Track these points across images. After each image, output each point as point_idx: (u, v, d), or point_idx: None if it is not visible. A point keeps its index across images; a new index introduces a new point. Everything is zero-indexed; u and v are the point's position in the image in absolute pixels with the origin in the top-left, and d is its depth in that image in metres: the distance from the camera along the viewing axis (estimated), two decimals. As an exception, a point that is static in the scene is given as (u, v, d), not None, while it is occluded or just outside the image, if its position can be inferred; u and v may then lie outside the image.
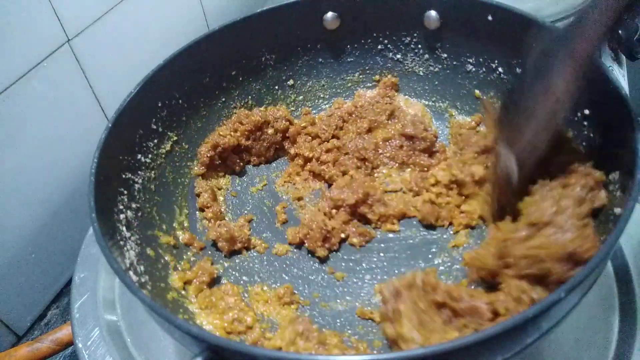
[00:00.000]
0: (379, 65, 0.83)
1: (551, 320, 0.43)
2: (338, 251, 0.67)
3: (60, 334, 0.66)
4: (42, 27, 0.71)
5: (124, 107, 0.63)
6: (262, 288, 0.64)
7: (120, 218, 0.59)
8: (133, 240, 0.59)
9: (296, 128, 0.78)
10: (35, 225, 0.76)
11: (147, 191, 0.67)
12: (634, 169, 0.47)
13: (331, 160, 0.75)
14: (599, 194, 0.53)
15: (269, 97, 0.83)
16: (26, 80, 0.69)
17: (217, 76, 0.77)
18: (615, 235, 0.43)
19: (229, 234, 0.67)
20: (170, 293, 0.59)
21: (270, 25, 0.78)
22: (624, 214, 0.44)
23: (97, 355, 0.61)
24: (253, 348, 0.41)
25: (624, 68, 1.05)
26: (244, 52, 0.78)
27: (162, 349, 0.62)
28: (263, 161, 0.80)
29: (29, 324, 0.79)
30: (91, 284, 0.68)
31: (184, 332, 0.41)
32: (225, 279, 0.66)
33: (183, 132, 0.74)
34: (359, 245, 0.67)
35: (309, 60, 0.83)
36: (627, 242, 0.63)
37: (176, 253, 0.66)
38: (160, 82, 0.69)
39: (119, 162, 0.63)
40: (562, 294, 0.39)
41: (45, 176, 0.76)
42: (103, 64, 0.82)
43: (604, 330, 0.57)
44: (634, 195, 0.45)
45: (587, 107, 0.59)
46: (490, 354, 0.41)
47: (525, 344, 0.42)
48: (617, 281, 0.61)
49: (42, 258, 0.78)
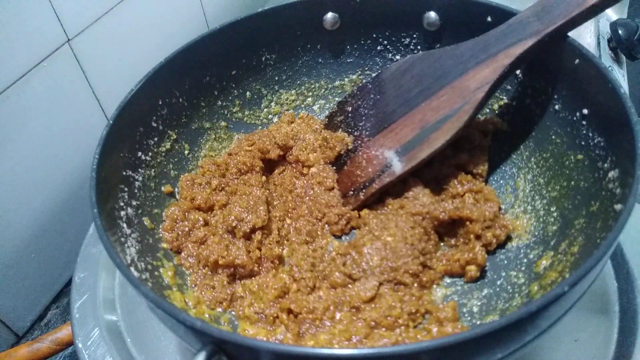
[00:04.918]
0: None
1: (550, 318, 0.43)
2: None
3: (60, 334, 0.66)
4: (42, 27, 0.71)
5: (125, 104, 0.63)
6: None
7: (121, 215, 0.59)
8: (134, 238, 0.59)
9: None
10: (35, 225, 0.76)
11: (147, 189, 0.67)
12: (634, 166, 0.47)
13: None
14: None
15: (269, 97, 0.84)
16: (26, 80, 0.70)
17: (218, 75, 0.77)
18: (615, 232, 0.43)
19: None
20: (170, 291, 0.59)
21: (270, 25, 0.78)
22: (625, 210, 0.44)
23: (97, 355, 0.61)
24: (256, 341, 0.41)
25: (623, 68, 1.06)
26: (244, 51, 0.79)
27: (162, 349, 0.62)
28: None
29: (29, 324, 0.79)
30: (91, 284, 0.68)
31: (187, 326, 0.41)
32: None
33: (183, 131, 0.75)
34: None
35: (309, 60, 0.84)
36: (627, 242, 0.63)
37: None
38: (161, 80, 0.69)
39: (120, 159, 0.63)
40: (565, 287, 0.39)
41: (45, 176, 0.76)
42: (103, 64, 0.82)
43: (604, 330, 0.57)
44: (634, 191, 0.45)
45: (586, 106, 0.59)
46: (489, 351, 0.41)
47: (524, 342, 0.42)
48: (617, 280, 0.61)
49: (42, 258, 0.78)
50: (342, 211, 0.70)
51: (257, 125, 0.84)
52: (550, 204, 0.62)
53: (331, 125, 0.79)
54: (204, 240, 0.65)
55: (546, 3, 0.59)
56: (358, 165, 0.72)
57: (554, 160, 0.64)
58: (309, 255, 0.65)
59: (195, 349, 0.42)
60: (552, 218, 0.61)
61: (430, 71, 0.67)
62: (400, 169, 0.68)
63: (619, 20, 1.03)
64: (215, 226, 0.67)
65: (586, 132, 0.59)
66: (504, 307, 0.57)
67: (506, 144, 0.72)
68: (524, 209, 0.66)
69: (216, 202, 0.69)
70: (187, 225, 0.66)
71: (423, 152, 0.66)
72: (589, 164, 0.57)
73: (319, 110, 0.86)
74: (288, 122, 0.82)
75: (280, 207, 0.72)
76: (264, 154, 0.75)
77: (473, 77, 0.63)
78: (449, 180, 0.70)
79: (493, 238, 0.62)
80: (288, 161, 0.77)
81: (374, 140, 0.72)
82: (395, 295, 0.59)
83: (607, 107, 0.55)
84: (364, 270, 0.62)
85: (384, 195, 0.70)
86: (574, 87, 0.61)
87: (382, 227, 0.64)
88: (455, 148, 0.71)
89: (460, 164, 0.71)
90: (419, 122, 0.67)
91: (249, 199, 0.68)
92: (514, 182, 0.69)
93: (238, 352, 0.40)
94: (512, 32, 0.61)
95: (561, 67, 0.62)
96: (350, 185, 0.72)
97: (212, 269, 0.63)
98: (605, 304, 0.59)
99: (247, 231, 0.65)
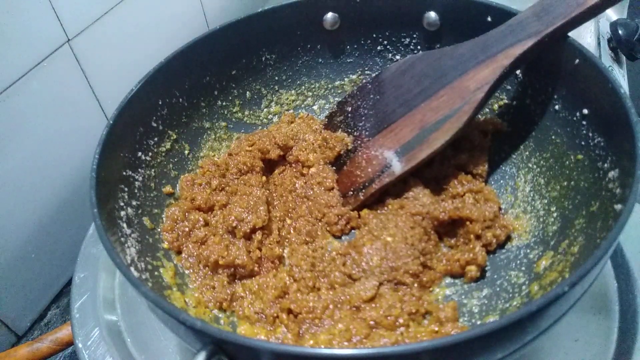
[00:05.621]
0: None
1: (550, 318, 0.43)
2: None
3: (60, 334, 0.66)
4: (42, 27, 0.71)
5: (125, 104, 0.63)
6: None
7: (121, 215, 0.59)
8: (134, 238, 0.59)
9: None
10: (35, 225, 0.76)
11: (147, 189, 0.67)
12: (634, 166, 0.47)
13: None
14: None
15: (269, 97, 0.84)
16: (26, 80, 0.70)
17: (217, 75, 0.77)
18: (615, 232, 0.43)
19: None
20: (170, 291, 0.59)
21: (270, 25, 0.78)
22: (625, 210, 0.44)
23: (97, 355, 0.61)
24: (256, 341, 0.41)
25: (623, 68, 1.06)
26: (244, 51, 0.79)
27: (162, 349, 0.62)
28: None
29: (29, 324, 0.79)
30: (91, 284, 0.68)
31: (187, 326, 0.41)
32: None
33: (183, 131, 0.75)
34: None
35: (309, 60, 0.84)
36: (627, 242, 0.63)
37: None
38: (161, 80, 0.69)
39: (120, 159, 0.63)
40: (565, 287, 0.39)
41: (45, 176, 0.76)
42: (103, 64, 0.82)
43: (604, 330, 0.57)
44: (634, 191, 0.45)
45: (586, 106, 0.59)
46: (489, 351, 0.41)
47: (524, 342, 0.42)
48: (617, 280, 0.61)
49: (42, 258, 0.78)
50: (341, 211, 0.70)
51: (257, 125, 0.84)
52: (550, 204, 0.62)
53: (331, 126, 0.79)
54: (204, 240, 0.65)
55: (546, 3, 0.59)
56: (358, 166, 0.72)
57: (554, 160, 0.64)
58: (308, 255, 0.65)
59: (195, 349, 0.42)
60: (552, 218, 0.61)
61: (430, 71, 0.67)
62: (400, 169, 0.68)
63: (619, 20, 1.03)
64: (215, 226, 0.67)
65: (586, 132, 0.59)
66: (504, 307, 0.57)
67: (506, 144, 0.72)
68: (524, 209, 0.66)
69: (216, 202, 0.69)
70: (188, 225, 0.66)
71: (423, 153, 0.66)
72: (589, 164, 0.57)
73: (319, 110, 0.86)
74: (288, 122, 0.82)
75: (280, 207, 0.72)
76: (264, 154, 0.75)
77: (473, 78, 0.63)
78: (449, 180, 0.70)
79: (493, 238, 0.63)
80: (288, 161, 0.77)
81: (373, 141, 0.72)
82: (396, 295, 0.59)
83: (607, 107, 0.55)
84: (364, 270, 0.62)
85: (384, 196, 0.70)
86: (574, 87, 0.61)
87: (382, 227, 0.64)
88: (455, 148, 0.71)
89: (460, 164, 0.71)
90: (419, 122, 0.67)
91: (249, 199, 0.68)
92: (514, 182, 0.69)
93: (238, 352, 0.40)
94: (511, 32, 0.61)
95: (561, 67, 0.61)
96: (350, 185, 0.72)
97: (212, 269, 0.63)
98: (605, 304, 0.59)
99: (247, 231, 0.65)
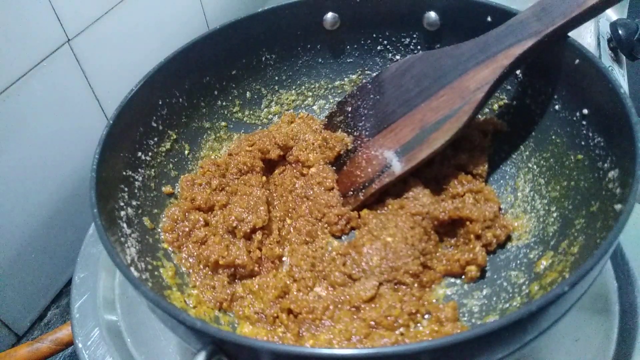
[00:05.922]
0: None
1: (550, 318, 0.43)
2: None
3: (60, 334, 0.66)
4: (42, 27, 0.71)
5: (125, 104, 0.63)
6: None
7: (121, 215, 0.59)
8: (134, 238, 0.59)
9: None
10: (35, 225, 0.76)
11: (147, 189, 0.67)
12: (634, 166, 0.47)
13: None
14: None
15: (269, 97, 0.84)
16: (26, 80, 0.70)
17: (217, 75, 0.77)
18: (615, 232, 0.43)
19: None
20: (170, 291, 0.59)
21: (270, 25, 0.78)
22: (625, 210, 0.44)
23: (97, 355, 0.61)
24: (256, 341, 0.41)
25: (624, 68, 1.06)
26: (244, 51, 0.79)
27: (162, 349, 0.62)
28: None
29: (29, 324, 0.79)
30: (91, 284, 0.68)
31: (187, 326, 0.41)
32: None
33: (183, 131, 0.75)
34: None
35: (309, 60, 0.84)
36: (627, 242, 0.63)
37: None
38: (161, 80, 0.69)
39: (120, 159, 0.63)
40: (565, 287, 0.39)
41: (45, 176, 0.76)
42: (103, 64, 0.82)
43: (604, 330, 0.57)
44: (634, 191, 0.45)
45: (586, 106, 0.59)
46: (489, 351, 0.41)
47: (524, 342, 0.42)
48: (617, 280, 0.61)
49: (42, 258, 0.78)
50: (341, 211, 0.70)
51: (257, 125, 0.84)
52: (550, 204, 0.62)
53: (331, 126, 0.79)
54: (205, 240, 0.65)
55: (546, 3, 0.59)
56: (358, 166, 0.72)
57: (554, 160, 0.64)
58: (308, 256, 0.65)
59: (195, 349, 0.42)
60: (552, 218, 0.61)
61: (430, 71, 0.67)
62: (399, 169, 0.68)
63: (619, 20, 1.03)
64: (215, 226, 0.67)
65: (586, 132, 0.59)
66: (504, 307, 0.57)
67: (506, 144, 0.72)
68: (524, 209, 0.66)
69: (216, 202, 0.69)
70: (188, 225, 0.66)
71: (423, 153, 0.66)
72: (589, 164, 0.57)
73: (319, 110, 0.86)
74: (288, 122, 0.82)
75: (281, 207, 0.72)
76: (264, 154, 0.75)
77: (473, 78, 0.63)
78: (449, 180, 0.70)
79: (493, 238, 0.63)
80: (288, 161, 0.77)
81: (373, 141, 0.72)
82: (395, 295, 0.59)
83: (607, 107, 0.55)
84: (363, 270, 0.62)
85: (384, 196, 0.70)
86: (574, 87, 0.61)
87: (382, 227, 0.64)
88: (455, 148, 0.71)
89: (460, 164, 0.71)
90: (419, 122, 0.67)
91: (249, 199, 0.68)
92: (514, 182, 0.69)
93: (238, 352, 0.40)
94: (511, 32, 0.61)
95: (561, 67, 0.62)
96: (350, 185, 0.72)
97: (212, 269, 0.63)
98: (605, 304, 0.59)
99: (247, 231, 0.65)
